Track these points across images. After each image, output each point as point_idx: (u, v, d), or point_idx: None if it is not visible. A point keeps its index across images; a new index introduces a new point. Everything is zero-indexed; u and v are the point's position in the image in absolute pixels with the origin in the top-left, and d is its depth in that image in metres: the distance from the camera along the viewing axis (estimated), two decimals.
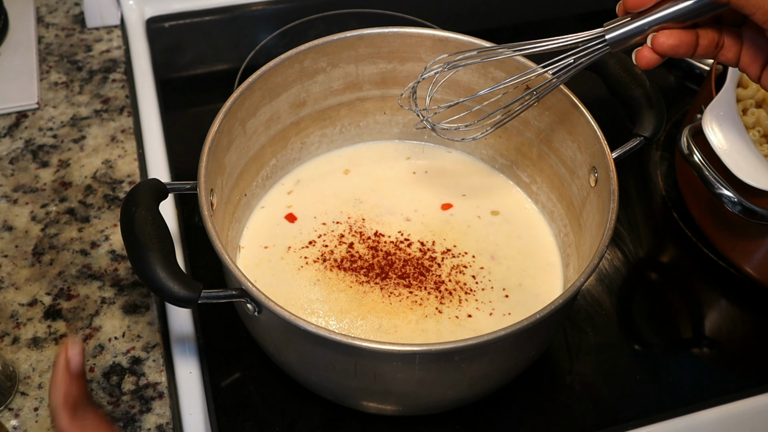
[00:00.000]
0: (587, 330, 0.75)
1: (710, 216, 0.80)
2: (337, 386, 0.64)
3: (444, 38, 0.75)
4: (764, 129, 0.77)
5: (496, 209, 0.79)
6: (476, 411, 0.69)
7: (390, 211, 0.78)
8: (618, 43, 0.59)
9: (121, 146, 0.87)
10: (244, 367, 0.71)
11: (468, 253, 0.75)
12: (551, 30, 0.63)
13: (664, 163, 0.90)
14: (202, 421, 0.67)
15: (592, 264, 0.60)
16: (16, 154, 0.86)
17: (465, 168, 0.83)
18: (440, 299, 0.71)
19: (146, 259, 0.58)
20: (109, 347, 0.71)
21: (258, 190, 0.79)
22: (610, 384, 0.72)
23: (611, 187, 0.64)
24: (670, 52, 0.57)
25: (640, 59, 0.58)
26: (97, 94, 0.92)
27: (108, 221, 0.80)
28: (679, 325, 0.77)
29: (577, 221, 0.73)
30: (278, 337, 0.62)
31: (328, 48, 0.75)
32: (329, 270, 0.73)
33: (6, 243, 0.78)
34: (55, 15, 1.02)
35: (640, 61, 0.58)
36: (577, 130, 0.71)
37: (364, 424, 0.68)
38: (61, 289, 0.75)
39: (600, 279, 0.79)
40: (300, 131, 0.80)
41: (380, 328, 0.69)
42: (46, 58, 0.96)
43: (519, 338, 0.58)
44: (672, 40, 0.57)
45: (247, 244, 0.76)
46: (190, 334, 0.72)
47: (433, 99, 0.70)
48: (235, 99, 0.69)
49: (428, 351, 0.56)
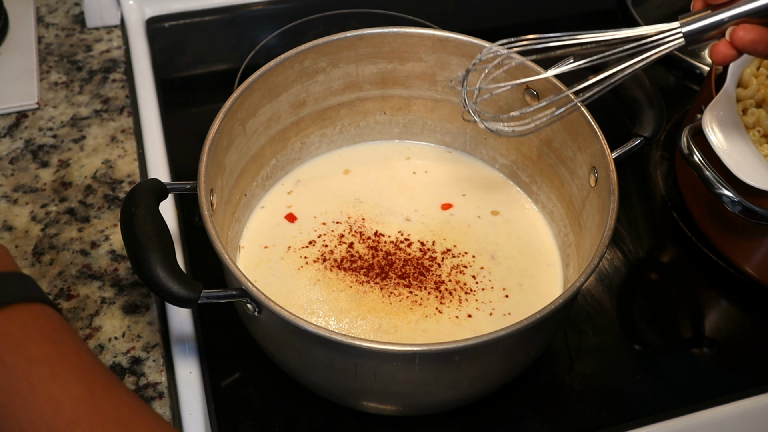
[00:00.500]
0: (587, 330, 0.75)
1: (710, 216, 0.79)
2: (337, 386, 0.64)
3: (444, 38, 0.75)
4: (764, 129, 0.77)
5: (496, 209, 0.79)
6: (476, 411, 0.69)
7: (390, 211, 0.78)
8: (695, 36, 0.58)
9: (121, 146, 0.87)
10: (244, 367, 0.71)
11: (468, 253, 0.75)
12: (552, 30, 0.62)
13: (664, 163, 0.90)
14: (202, 421, 0.67)
15: (592, 264, 0.60)
16: (16, 154, 0.86)
17: (465, 168, 0.83)
18: (440, 299, 0.71)
19: (146, 259, 0.58)
20: (109, 347, 0.71)
21: (258, 190, 0.79)
22: (610, 384, 0.72)
23: (611, 187, 0.64)
24: (750, 47, 0.56)
25: (716, 54, 0.57)
26: (97, 94, 0.92)
27: (108, 221, 0.80)
28: (679, 325, 0.77)
29: (577, 221, 0.73)
30: (278, 337, 0.62)
31: (328, 48, 0.75)
32: (329, 270, 0.73)
33: (6, 243, 0.78)
34: (55, 15, 1.02)
35: (716, 56, 0.57)
36: (577, 130, 0.71)
37: (364, 424, 0.68)
38: (61, 289, 0.75)
39: (600, 279, 0.79)
40: (300, 131, 0.80)
41: (380, 328, 0.69)
42: (46, 58, 0.96)
43: (519, 338, 0.58)
44: (752, 35, 0.55)
45: (247, 244, 0.76)
46: (190, 334, 0.72)
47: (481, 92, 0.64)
48: (235, 99, 0.69)
49: (428, 351, 0.56)
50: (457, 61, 0.76)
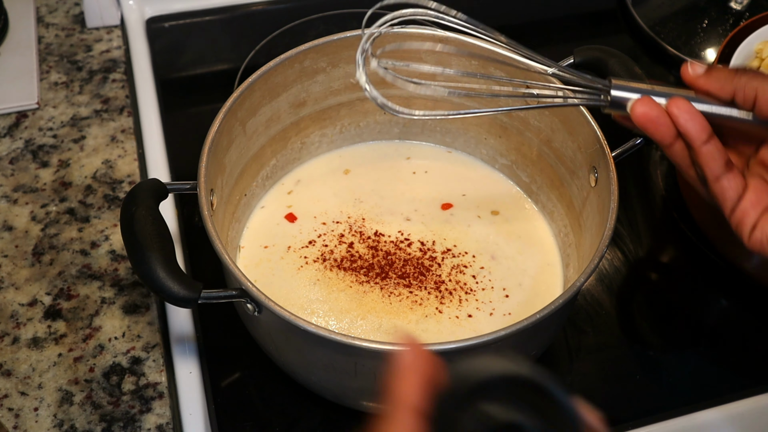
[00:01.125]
0: (587, 330, 0.75)
1: (710, 216, 0.79)
2: (337, 386, 0.64)
3: (444, 38, 0.75)
4: None
5: (496, 209, 0.79)
6: None
7: (390, 210, 0.78)
8: (618, 101, 0.56)
9: (121, 146, 0.87)
10: (244, 367, 0.71)
11: (468, 252, 0.75)
12: (552, 30, 0.62)
13: (664, 163, 0.90)
14: (202, 421, 0.67)
15: (592, 264, 0.60)
16: (16, 154, 0.86)
17: (465, 168, 0.83)
18: (440, 299, 0.71)
19: (146, 259, 0.58)
20: (109, 347, 0.71)
21: (258, 190, 0.79)
22: (610, 384, 0.72)
23: (611, 187, 0.64)
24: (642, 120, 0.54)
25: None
26: (97, 94, 0.92)
27: (108, 221, 0.80)
28: (679, 325, 0.77)
29: (577, 221, 0.73)
30: (278, 337, 0.62)
31: (328, 48, 0.75)
32: (329, 270, 0.73)
33: (6, 243, 0.78)
34: (55, 15, 1.02)
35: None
36: (577, 130, 0.71)
37: (364, 424, 0.68)
38: (61, 289, 0.75)
39: (600, 279, 0.79)
40: (300, 131, 0.80)
41: (380, 328, 0.69)
42: (46, 58, 0.96)
43: (519, 338, 0.58)
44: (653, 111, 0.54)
45: (247, 244, 0.76)
46: (190, 334, 0.72)
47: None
48: (235, 99, 0.69)
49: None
50: (457, 60, 0.76)
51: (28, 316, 0.73)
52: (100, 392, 0.68)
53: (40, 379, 0.69)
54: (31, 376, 0.69)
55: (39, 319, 0.73)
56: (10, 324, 0.72)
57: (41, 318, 0.73)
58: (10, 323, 0.72)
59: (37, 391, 0.68)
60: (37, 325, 0.72)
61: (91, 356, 0.70)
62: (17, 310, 0.73)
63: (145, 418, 0.67)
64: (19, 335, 0.71)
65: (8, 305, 0.73)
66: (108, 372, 0.70)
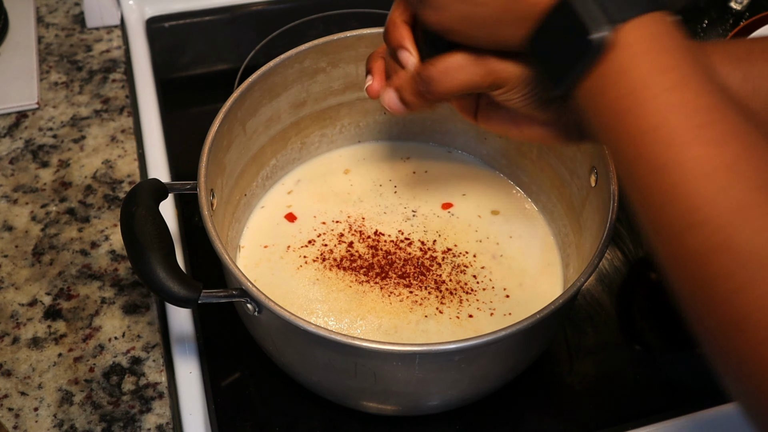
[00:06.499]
0: (587, 330, 0.75)
1: None
2: (337, 386, 0.64)
3: None
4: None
5: (496, 209, 0.79)
6: (476, 411, 0.69)
7: (390, 210, 0.78)
8: None
9: (121, 146, 0.87)
10: (244, 367, 0.71)
11: (468, 252, 0.75)
12: None
13: None
14: (202, 421, 0.67)
15: (592, 264, 0.59)
16: (16, 154, 0.86)
17: (465, 168, 0.83)
18: (441, 299, 0.71)
19: (146, 259, 0.58)
20: (109, 347, 0.71)
21: (258, 190, 0.79)
22: (610, 384, 0.72)
23: (611, 187, 0.64)
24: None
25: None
26: (97, 94, 0.92)
27: (108, 221, 0.80)
28: (679, 325, 0.77)
29: (577, 221, 0.73)
30: (278, 337, 0.62)
31: (328, 48, 0.75)
32: (329, 269, 0.73)
33: (6, 243, 0.78)
34: (55, 15, 1.02)
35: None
36: None
37: (364, 424, 0.68)
38: (61, 289, 0.75)
39: (600, 279, 0.79)
40: (300, 131, 0.80)
41: (380, 328, 0.69)
42: (46, 58, 0.96)
43: (519, 338, 0.58)
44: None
45: (247, 243, 0.76)
46: (190, 334, 0.72)
47: None
48: (235, 99, 0.69)
49: (428, 351, 0.56)
50: None
51: (28, 316, 0.73)
52: (100, 392, 0.68)
53: (40, 379, 0.69)
54: (31, 376, 0.69)
55: (39, 319, 0.73)
56: (10, 324, 0.72)
57: (41, 318, 0.73)
58: (10, 323, 0.72)
59: (37, 391, 0.68)
60: (37, 325, 0.72)
61: (91, 356, 0.70)
62: (17, 310, 0.73)
63: (145, 418, 0.67)
64: (19, 335, 0.71)
65: (8, 305, 0.73)
66: (108, 372, 0.70)
